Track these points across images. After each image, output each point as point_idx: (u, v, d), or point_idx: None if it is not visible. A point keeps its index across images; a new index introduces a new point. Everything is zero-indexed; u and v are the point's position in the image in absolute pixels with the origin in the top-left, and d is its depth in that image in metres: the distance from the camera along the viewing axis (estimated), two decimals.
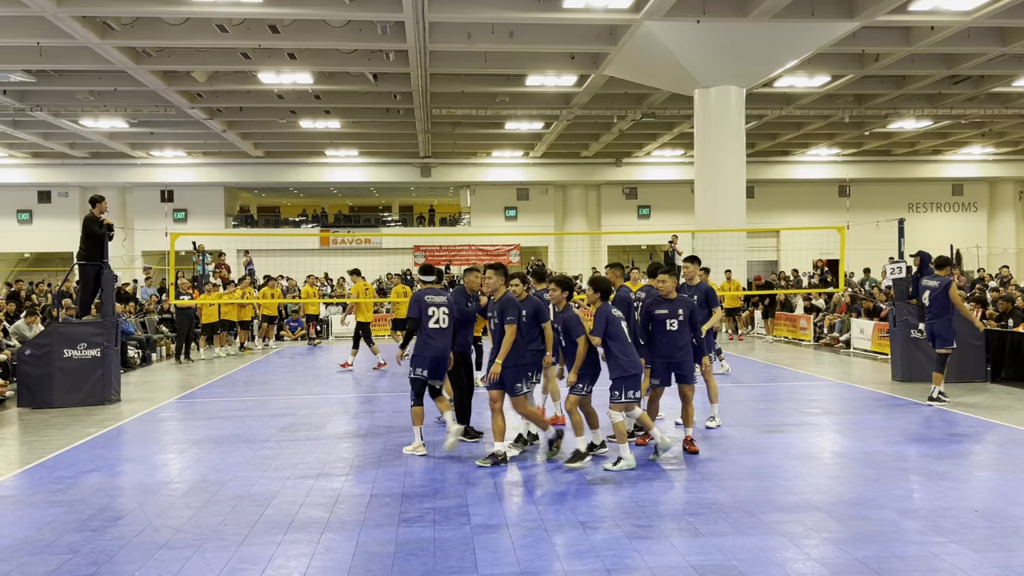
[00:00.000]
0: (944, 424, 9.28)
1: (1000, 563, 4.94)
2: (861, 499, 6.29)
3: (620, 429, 7.26)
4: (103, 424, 10.03)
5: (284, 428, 9.54)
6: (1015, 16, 17.87)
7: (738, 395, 11.71)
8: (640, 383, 7.42)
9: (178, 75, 22.21)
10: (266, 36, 18.59)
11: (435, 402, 8.17)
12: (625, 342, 7.29)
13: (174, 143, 32.45)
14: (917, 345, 12.56)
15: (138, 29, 18.37)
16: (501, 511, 6.13)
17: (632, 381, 7.27)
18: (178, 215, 37.10)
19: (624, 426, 7.29)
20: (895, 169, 37.98)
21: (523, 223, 38.10)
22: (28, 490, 6.97)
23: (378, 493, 6.66)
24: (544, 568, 4.99)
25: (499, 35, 18.99)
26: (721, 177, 21.65)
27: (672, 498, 6.41)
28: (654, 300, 8.00)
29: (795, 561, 5.02)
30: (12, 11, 16.59)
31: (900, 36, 19.78)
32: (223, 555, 5.26)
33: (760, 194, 36.98)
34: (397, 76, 22.61)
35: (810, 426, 9.32)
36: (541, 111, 26.36)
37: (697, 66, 20.12)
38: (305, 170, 36.45)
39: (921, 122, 29.31)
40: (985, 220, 40.26)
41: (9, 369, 12.61)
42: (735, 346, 19.34)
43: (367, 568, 5.01)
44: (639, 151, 35.43)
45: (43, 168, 35.10)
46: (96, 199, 12.12)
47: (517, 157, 36.36)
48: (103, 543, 5.54)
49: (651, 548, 5.28)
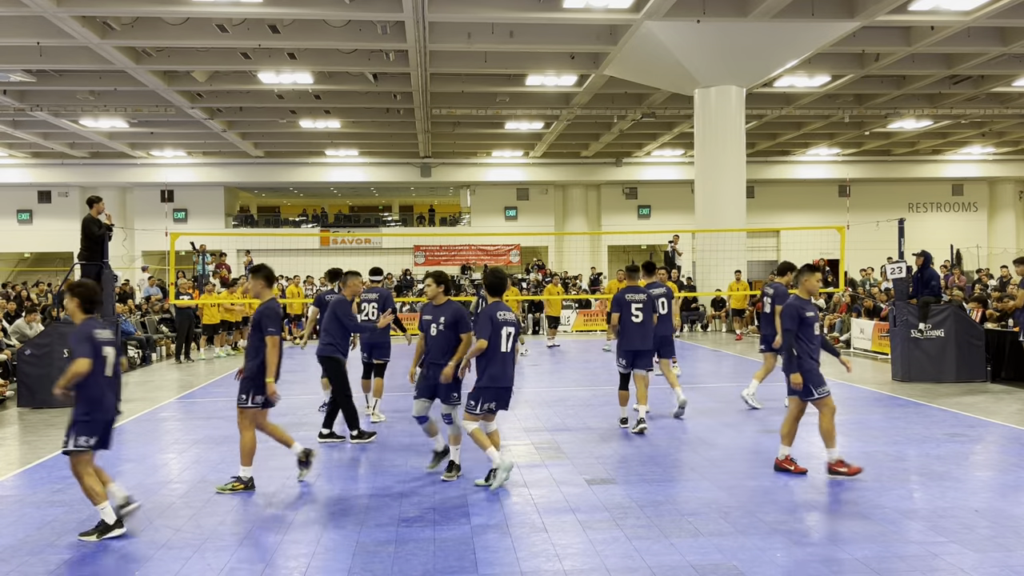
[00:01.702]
0: (944, 424, 9.28)
1: (1000, 563, 4.94)
2: (861, 499, 6.29)
3: (477, 436, 6.76)
4: None
5: (284, 428, 9.51)
6: (1015, 16, 17.87)
7: (738, 395, 11.69)
8: (506, 399, 6.85)
9: (178, 75, 22.22)
10: (266, 36, 18.59)
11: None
12: (498, 352, 6.74)
13: (174, 143, 32.45)
14: (917, 345, 12.57)
15: (138, 29, 18.37)
16: (501, 511, 6.13)
17: (491, 393, 6.76)
18: (178, 215, 37.09)
19: (481, 432, 6.78)
20: (895, 169, 37.98)
21: (523, 223, 38.09)
22: (28, 490, 6.98)
23: (378, 493, 6.66)
24: (544, 568, 4.99)
25: (499, 35, 18.99)
26: (721, 177, 21.67)
27: (672, 498, 6.41)
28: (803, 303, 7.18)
29: (795, 561, 5.02)
30: (12, 11, 16.60)
31: (900, 36, 19.78)
32: (223, 555, 5.26)
33: (760, 194, 36.97)
34: (397, 76, 22.62)
35: (810, 426, 9.29)
36: (541, 111, 26.36)
37: (697, 66, 20.12)
38: (305, 170, 36.45)
39: (921, 122, 29.32)
40: (985, 220, 40.25)
41: (9, 369, 12.61)
42: (735, 346, 19.34)
43: (367, 568, 5.01)
44: (639, 151, 35.43)
45: (43, 168, 35.10)
46: (93, 200, 12.13)
47: (517, 157, 36.36)
48: (103, 543, 5.53)
49: (651, 548, 5.28)
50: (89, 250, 12.00)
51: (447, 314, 7.04)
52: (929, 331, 12.50)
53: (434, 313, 7.10)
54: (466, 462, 7.34)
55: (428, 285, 7.15)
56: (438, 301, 7.13)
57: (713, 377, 14.03)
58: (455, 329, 7.01)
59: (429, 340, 7.08)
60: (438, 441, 7.39)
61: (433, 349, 7.06)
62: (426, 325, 7.12)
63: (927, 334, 12.53)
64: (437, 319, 7.05)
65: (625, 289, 9.21)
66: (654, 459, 7.72)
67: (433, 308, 7.14)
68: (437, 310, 7.10)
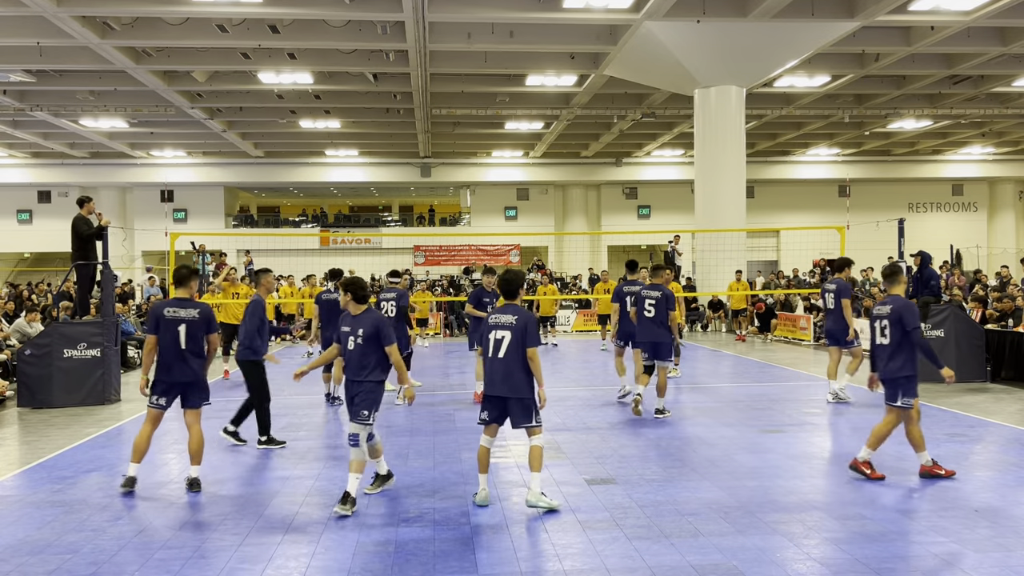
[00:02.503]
0: (944, 424, 9.28)
1: (1000, 563, 4.94)
2: (861, 499, 6.29)
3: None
4: (103, 424, 10.03)
5: (284, 428, 9.53)
6: (1015, 16, 17.87)
7: (738, 395, 11.71)
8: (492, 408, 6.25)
9: (178, 75, 22.22)
10: (266, 36, 18.60)
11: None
12: (487, 357, 6.26)
13: (174, 143, 32.46)
14: None
15: (138, 29, 18.37)
16: (501, 511, 6.13)
17: (484, 402, 6.33)
18: (178, 215, 37.10)
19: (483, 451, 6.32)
20: (895, 169, 37.99)
21: (523, 223, 38.11)
22: (28, 490, 6.97)
23: (378, 493, 6.65)
24: (544, 568, 4.99)
25: (499, 35, 18.99)
26: (721, 177, 21.67)
27: (672, 498, 6.41)
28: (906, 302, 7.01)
29: (795, 561, 5.02)
30: (12, 11, 16.60)
31: (900, 36, 19.79)
32: (223, 555, 5.26)
33: (760, 194, 36.99)
34: (397, 76, 22.62)
35: (810, 426, 9.32)
36: (541, 111, 26.37)
37: (697, 66, 20.12)
38: (305, 170, 36.47)
39: (921, 122, 29.33)
40: (985, 220, 40.27)
41: (9, 369, 12.62)
42: (736, 346, 19.34)
43: (367, 568, 5.01)
44: (639, 151, 35.45)
45: (43, 168, 35.11)
46: (83, 200, 12.03)
47: (517, 157, 36.37)
48: (103, 543, 5.54)
49: (651, 548, 5.28)
50: (81, 250, 11.89)
51: (366, 325, 6.27)
52: (929, 331, 12.50)
53: (352, 324, 6.33)
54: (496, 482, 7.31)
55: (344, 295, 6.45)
56: (354, 311, 6.40)
57: (713, 377, 14.03)
58: (376, 341, 6.24)
59: (346, 354, 6.32)
60: (380, 464, 6.69)
61: (351, 364, 6.28)
62: (343, 337, 6.35)
63: (927, 334, 12.52)
64: (355, 330, 6.28)
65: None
66: (654, 459, 7.72)
67: (351, 319, 6.38)
68: (355, 321, 6.33)
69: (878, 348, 7.01)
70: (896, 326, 6.82)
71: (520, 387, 6.10)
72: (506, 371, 6.10)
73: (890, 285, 7.16)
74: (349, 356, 6.30)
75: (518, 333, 6.10)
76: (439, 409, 10.67)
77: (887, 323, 6.89)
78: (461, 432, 9.11)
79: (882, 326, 6.96)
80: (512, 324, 6.14)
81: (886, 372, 6.90)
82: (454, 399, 11.50)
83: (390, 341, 6.27)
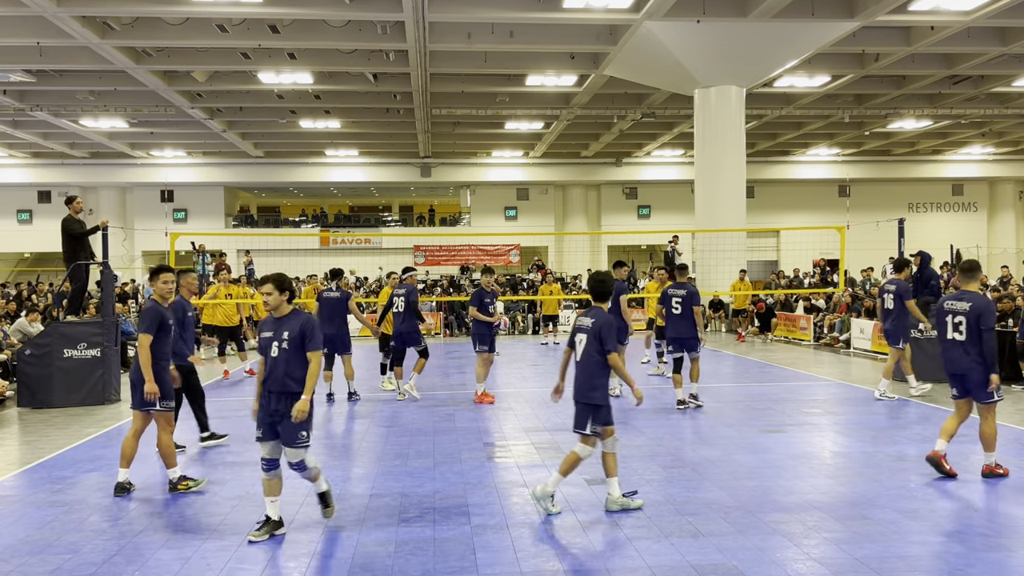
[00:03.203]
0: None
1: (1000, 563, 4.94)
2: (861, 499, 6.29)
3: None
4: (103, 424, 10.03)
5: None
6: (1015, 16, 17.87)
7: (738, 395, 11.71)
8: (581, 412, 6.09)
9: (178, 75, 22.22)
10: (266, 36, 18.60)
11: None
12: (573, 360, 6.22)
13: (174, 143, 32.47)
14: (917, 345, 12.55)
15: (138, 29, 18.37)
16: (501, 511, 6.13)
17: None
18: (178, 215, 37.11)
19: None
20: (895, 169, 37.99)
21: (523, 223, 38.11)
22: (28, 490, 6.97)
23: (378, 493, 6.65)
24: (544, 568, 4.99)
25: (499, 35, 18.99)
26: (721, 177, 21.67)
27: (672, 498, 6.41)
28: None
29: (795, 561, 5.02)
30: (12, 11, 16.60)
31: (900, 36, 19.78)
32: (223, 555, 5.26)
33: (760, 194, 36.99)
34: (397, 76, 22.62)
35: (810, 426, 9.32)
36: (541, 111, 26.37)
37: (697, 66, 20.12)
38: (305, 170, 36.47)
39: (921, 122, 29.32)
40: (985, 220, 40.27)
41: (9, 369, 12.61)
42: (736, 346, 19.33)
43: (367, 568, 5.01)
44: (639, 151, 35.44)
45: (43, 168, 35.12)
46: (70, 198, 11.92)
47: (517, 157, 36.37)
48: (103, 543, 5.54)
49: (651, 548, 5.28)
50: (72, 249, 11.73)
51: (293, 328, 5.55)
52: (929, 331, 12.49)
53: (275, 327, 5.58)
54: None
55: (268, 293, 5.61)
56: (280, 312, 5.64)
57: (713, 377, 14.02)
58: (302, 347, 5.54)
59: (270, 363, 5.56)
60: (320, 483, 5.88)
61: (276, 374, 5.52)
62: (265, 344, 5.58)
63: (927, 334, 12.52)
64: (279, 334, 5.54)
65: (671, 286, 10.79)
66: (654, 459, 7.71)
67: (274, 321, 5.61)
68: (280, 323, 5.59)
69: (949, 343, 6.98)
70: (976, 324, 6.81)
71: (587, 391, 6.01)
72: (581, 375, 6.08)
73: (967, 281, 7.11)
74: (273, 365, 5.54)
75: (592, 337, 6.03)
76: (439, 409, 10.67)
77: (962, 319, 6.87)
78: (461, 432, 9.12)
79: (956, 322, 6.92)
80: (588, 327, 6.08)
81: (962, 368, 6.89)
82: (454, 399, 11.50)
83: (316, 346, 5.57)
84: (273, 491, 5.65)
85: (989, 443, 6.91)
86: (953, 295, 7.15)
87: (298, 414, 5.46)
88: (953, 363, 6.95)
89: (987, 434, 6.90)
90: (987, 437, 6.90)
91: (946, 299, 7.16)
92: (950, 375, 7.03)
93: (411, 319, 11.15)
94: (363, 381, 12.77)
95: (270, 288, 5.60)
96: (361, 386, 12.29)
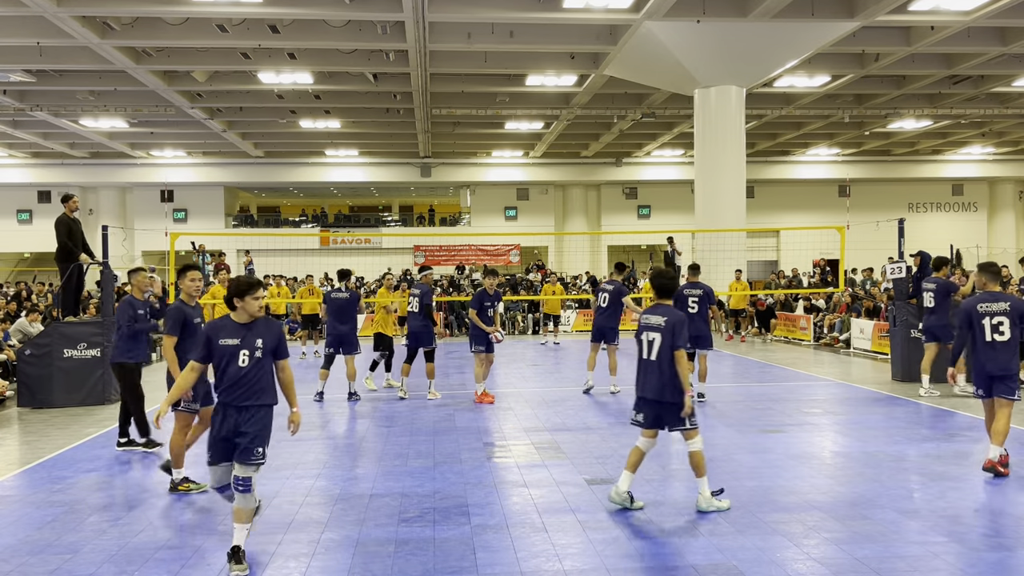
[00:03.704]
0: (944, 424, 9.28)
1: (1000, 563, 4.94)
2: (861, 499, 6.29)
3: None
4: (103, 424, 10.03)
5: (283, 428, 9.50)
6: (1015, 16, 17.87)
7: (738, 395, 11.72)
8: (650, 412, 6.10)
9: (178, 75, 22.22)
10: (266, 36, 18.59)
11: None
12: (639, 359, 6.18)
13: (174, 143, 32.46)
14: (917, 345, 12.56)
15: (138, 29, 18.37)
16: (501, 511, 6.13)
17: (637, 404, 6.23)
18: (178, 215, 37.09)
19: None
20: (895, 169, 37.99)
21: (523, 223, 38.11)
22: (28, 490, 6.98)
23: (378, 493, 6.65)
24: (544, 568, 4.99)
25: (499, 35, 18.99)
26: (721, 177, 21.66)
27: (672, 498, 6.41)
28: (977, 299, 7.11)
29: (795, 561, 5.02)
30: (12, 11, 16.59)
31: (900, 36, 19.78)
32: (223, 555, 5.26)
33: (760, 194, 36.98)
34: (397, 76, 22.62)
35: (810, 426, 9.32)
36: (541, 111, 26.37)
37: (697, 66, 20.12)
38: (305, 170, 36.46)
39: (921, 122, 29.32)
40: (985, 220, 40.27)
41: (9, 369, 12.61)
42: (736, 347, 19.34)
43: (367, 568, 5.01)
44: (639, 151, 35.44)
45: (43, 168, 35.11)
46: (67, 196, 11.76)
47: (517, 157, 36.37)
48: (103, 543, 5.54)
49: (651, 548, 5.28)
50: (64, 249, 11.54)
51: (266, 336, 5.09)
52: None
53: (244, 335, 5.05)
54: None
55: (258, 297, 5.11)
56: (241, 318, 5.10)
57: (713, 377, 14.01)
58: (275, 356, 5.16)
59: (232, 372, 5.01)
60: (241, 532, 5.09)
61: (241, 385, 5.02)
62: (229, 352, 5.01)
63: None
64: (251, 342, 5.04)
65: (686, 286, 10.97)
66: (654, 459, 7.70)
67: (238, 327, 5.08)
68: (249, 330, 5.07)
69: (987, 344, 6.97)
70: (1019, 322, 6.89)
71: (672, 391, 5.97)
72: (659, 374, 6.01)
73: (993, 282, 7.16)
74: (239, 375, 5.00)
75: (667, 334, 5.96)
76: (439, 409, 10.67)
77: (1003, 319, 6.91)
78: (461, 432, 9.12)
79: (995, 323, 6.94)
80: (662, 325, 6.00)
81: (1002, 368, 6.89)
82: (454, 399, 11.50)
83: (286, 354, 5.21)
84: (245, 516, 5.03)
85: (1000, 437, 6.88)
86: (981, 297, 7.13)
87: (295, 427, 5.31)
88: (996, 363, 6.94)
89: (1002, 429, 6.89)
90: (1001, 432, 6.88)
91: (976, 301, 7.13)
92: (988, 376, 6.98)
93: (424, 319, 11.36)
94: (363, 381, 12.77)
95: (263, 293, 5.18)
96: (361, 386, 12.31)
